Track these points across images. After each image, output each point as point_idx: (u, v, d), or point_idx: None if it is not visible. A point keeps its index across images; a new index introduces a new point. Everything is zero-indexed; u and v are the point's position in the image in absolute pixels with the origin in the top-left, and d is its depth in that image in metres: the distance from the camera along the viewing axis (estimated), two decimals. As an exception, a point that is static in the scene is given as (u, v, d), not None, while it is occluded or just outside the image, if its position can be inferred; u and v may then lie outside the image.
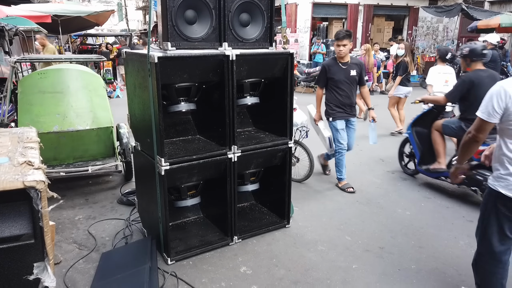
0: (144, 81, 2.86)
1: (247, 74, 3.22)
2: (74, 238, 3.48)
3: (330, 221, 3.83)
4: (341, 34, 4.34)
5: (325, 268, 3.05)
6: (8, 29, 4.64)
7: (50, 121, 4.17)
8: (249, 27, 3.15)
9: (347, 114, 4.55)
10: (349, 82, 4.47)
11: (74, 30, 14.02)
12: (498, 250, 2.35)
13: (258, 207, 3.92)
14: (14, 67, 4.60)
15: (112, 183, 4.85)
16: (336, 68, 4.44)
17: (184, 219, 3.65)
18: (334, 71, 4.44)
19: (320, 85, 4.65)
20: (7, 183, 1.45)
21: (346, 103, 4.50)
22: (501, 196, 2.26)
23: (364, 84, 4.69)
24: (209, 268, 3.03)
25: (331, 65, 4.49)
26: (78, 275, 2.93)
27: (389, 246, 3.38)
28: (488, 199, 2.38)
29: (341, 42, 4.34)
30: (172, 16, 2.77)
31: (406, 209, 4.10)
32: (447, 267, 3.08)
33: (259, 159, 3.45)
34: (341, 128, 4.54)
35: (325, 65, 4.56)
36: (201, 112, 3.38)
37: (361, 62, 4.69)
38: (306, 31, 16.01)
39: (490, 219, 2.36)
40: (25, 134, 2.13)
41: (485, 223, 2.40)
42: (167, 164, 2.86)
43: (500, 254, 2.36)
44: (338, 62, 4.46)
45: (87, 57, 6.20)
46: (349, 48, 4.42)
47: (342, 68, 4.44)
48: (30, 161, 1.64)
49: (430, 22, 17.76)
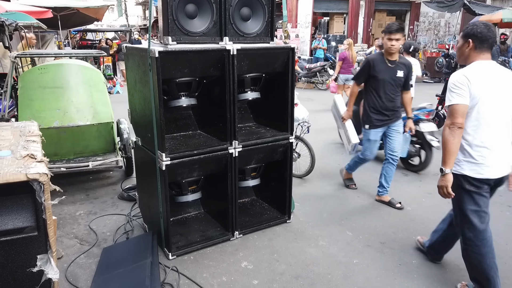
0: (145, 75, 2.85)
1: (248, 68, 3.21)
2: (75, 233, 3.48)
3: (331, 216, 3.83)
4: (394, 27, 3.74)
5: (326, 263, 3.06)
6: (8, 24, 4.62)
7: (51, 116, 4.17)
8: (250, 22, 3.13)
9: (388, 121, 3.94)
10: (394, 84, 3.86)
11: (73, 26, 13.99)
12: (482, 229, 2.54)
13: (259, 203, 3.92)
14: (14, 62, 4.58)
15: (112, 178, 4.85)
16: (382, 66, 3.83)
17: (185, 214, 3.65)
18: (380, 69, 3.82)
19: (359, 82, 4.06)
20: (10, 176, 1.45)
21: (388, 107, 3.89)
22: (467, 178, 2.49)
23: (409, 89, 4.04)
24: (210, 263, 3.03)
25: (377, 62, 3.85)
26: (79, 270, 2.94)
27: (390, 241, 3.38)
28: (458, 186, 2.54)
29: (394, 35, 3.72)
30: (172, 10, 2.75)
31: (407, 205, 4.10)
32: (448, 262, 3.08)
33: (260, 154, 3.44)
34: (374, 139, 3.98)
35: (370, 60, 3.93)
36: (202, 107, 3.37)
37: (409, 63, 4.03)
38: (307, 26, 15.95)
39: (466, 202, 2.55)
40: (27, 128, 2.13)
41: (464, 208, 2.56)
42: (168, 159, 2.86)
43: (484, 232, 2.55)
44: (386, 59, 3.85)
45: (87, 52, 6.18)
46: (401, 43, 3.85)
47: (389, 67, 3.84)
48: (33, 154, 1.64)
49: (432, 17, 17.69)
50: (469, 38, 2.50)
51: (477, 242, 2.57)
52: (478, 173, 2.47)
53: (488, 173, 2.47)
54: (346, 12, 16.60)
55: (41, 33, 10.50)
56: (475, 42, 2.48)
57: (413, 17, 17.62)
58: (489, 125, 2.45)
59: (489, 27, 2.50)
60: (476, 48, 2.49)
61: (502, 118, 2.47)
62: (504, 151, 2.50)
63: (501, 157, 2.49)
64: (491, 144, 2.46)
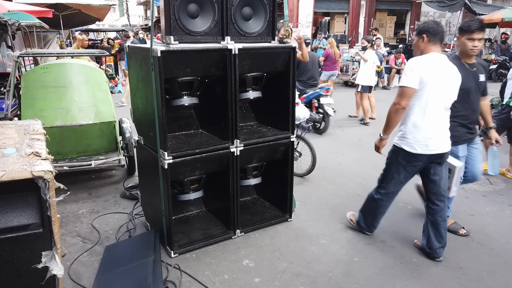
0: (147, 75, 2.87)
1: (250, 68, 3.22)
2: (78, 232, 3.51)
3: (332, 215, 3.85)
4: (475, 25, 3.08)
5: (327, 261, 3.08)
6: (11, 23, 4.65)
7: (53, 116, 4.19)
8: (252, 21, 3.15)
9: (471, 134, 3.32)
10: (478, 91, 3.26)
11: (75, 25, 14.00)
12: (393, 191, 3.17)
13: (261, 201, 3.94)
14: (17, 61, 4.61)
15: (115, 177, 4.87)
16: (463, 71, 3.05)
17: (187, 213, 3.67)
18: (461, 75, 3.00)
19: None
20: (16, 173, 1.47)
21: (473, 119, 3.29)
22: (403, 152, 2.95)
23: (487, 95, 3.44)
24: (212, 261, 3.05)
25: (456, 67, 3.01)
26: (82, 267, 2.96)
27: (390, 239, 3.40)
28: (392, 155, 3.09)
29: (476, 35, 3.07)
30: (174, 10, 2.77)
31: (408, 204, 4.12)
32: (449, 260, 3.10)
33: (262, 153, 3.46)
34: (463, 155, 3.30)
35: None
36: (203, 106, 3.40)
37: (486, 63, 3.51)
38: (308, 26, 15.96)
39: (393, 171, 3.08)
40: (31, 126, 2.16)
41: (389, 173, 3.13)
42: (170, 158, 2.88)
43: (394, 193, 3.20)
44: (464, 63, 3.19)
45: (90, 51, 6.21)
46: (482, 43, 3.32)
47: (470, 72, 3.18)
48: (38, 152, 1.66)
49: (433, 17, 17.68)
50: (423, 33, 2.91)
51: (385, 198, 3.23)
52: (413, 149, 2.90)
53: (422, 150, 2.87)
54: (347, 12, 16.61)
55: (43, 33, 10.53)
56: (428, 36, 2.89)
57: (414, 17, 17.62)
58: (432, 108, 2.83)
59: (438, 23, 2.95)
60: (430, 41, 2.89)
61: (443, 104, 2.87)
62: (442, 133, 2.91)
63: (438, 137, 2.88)
64: (432, 125, 2.85)
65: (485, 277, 2.89)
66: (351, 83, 13.11)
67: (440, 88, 2.81)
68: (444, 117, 2.91)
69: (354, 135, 6.92)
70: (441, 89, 2.82)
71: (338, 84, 13.53)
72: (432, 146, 2.87)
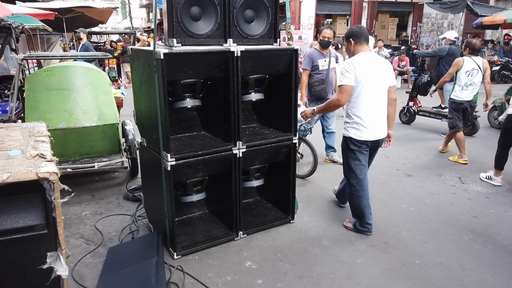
0: (150, 77, 2.89)
1: (252, 70, 3.24)
2: (81, 233, 3.52)
3: (334, 216, 3.85)
4: None
5: (330, 263, 3.08)
6: (15, 26, 4.68)
7: (57, 118, 4.21)
8: (254, 24, 3.16)
9: None
10: None
11: (78, 28, 14.07)
12: (361, 178, 3.45)
13: (263, 203, 3.95)
14: (21, 64, 4.64)
15: (118, 179, 4.89)
16: None
17: (190, 215, 3.69)
18: None
19: None
20: (21, 175, 1.48)
21: None
22: (351, 139, 3.38)
23: None
24: (214, 263, 3.06)
25: None
26: (85, 269, 2.97)
27: (393, 241, 3.40)
28: (345, 146, 3.48)
29: None
30: (177, 13, 2.79)
31: (411, 205, 4.11)
32: (451, 262, 3.09)
33: (264, 155, 3.47)
34: None
35: None
36: (206, 108, 3.41)
37: None
38: (310, 28, 15.98)
39: (350, 158, 3.45)
40: (36, 128, 2.18)
41: (349, 162, 3.47)
42: (173, 160, 2.89)
43: (363, 180, 3.46)
44: None
45: (93, 54, 6.24)
46: None
47: None
48: (43, 153, 1.68)
49: (435, 19, 17.67)
50: (350, 38, 3.38)
51: (358, 187, 3.46)
52: (359, 136, 3.33)
53: (366, 136, 3.33)
54: (349, 14, 16.62)
55: (46, 36, 10.58)
56: (354, 40, 3.35)
57: (416, 18, 17.61)
58: (368, 100, 3.28)
59: (361, 27, 3.41)
60: (356, 43, 3.36)
61: (378, 96, 3.31)
62: (379, 121, 3.36)
63: (377, 125, 3.35)
64: (369, 115, 3.30)
65: (489, 279, 2.88)
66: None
67: (372, 82, 3.27)
68: (380, 106, 3.36)
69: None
70: (374, 82, 3.28)
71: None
72: (372, 133, 3.34)
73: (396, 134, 6.98)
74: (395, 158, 5.63)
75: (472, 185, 4.69)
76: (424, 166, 5.36)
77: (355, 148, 3.38)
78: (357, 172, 3.43)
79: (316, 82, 5.05)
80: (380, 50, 12.38)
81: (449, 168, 5.29)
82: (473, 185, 4.69)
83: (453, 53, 7.38)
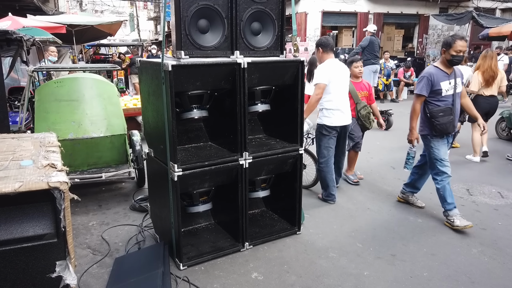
0: (158, 88, 2.93)
1: (258, 81, 3.27)
2: (88, 244, 3.53)
3: (341, 228, 3.83)
4: None
5: (336, 275, 3.05)
6: (26, 39, 4.79)
7: (66, 129, 4.27)
8: (260, 36, 3.21)
9: None
10: None
11: (87, 40, 14.32)
12: (328, 158, 4.32)
13: (269, 214, 3.94)
14: (31, 76, 4.72)
15: (124, 189, 4.92)
16: None
17: (196, 225, 3.69)
18: None
19: None
20: (33, 184, 1.51)
21: None
22: (324, 126, 4.28)
23: None
24: (220, 274, 3.05)
25: None
26: (92, 279, 2.98)
27: (401, 253, 3.37)
28: (319, 132, 4.35)
29: None
30: (185, 26, 2.84)
31: (418, 217, 4.08)
32: (460, 274, 3.05)
33: (270, 165, 3.48)
34: None
35: None
36: (212, 119, 3.44)
37: None
38: (316, 40, 16.08)
39: (323, 141, 4.31)
40: (46, 138, 2.22)
41: (321, 145, 4.34)
42: (180, 170, 2.91)
43: (329, 159, 4.34)
44: None
45: (102, 66, 6.33)
46: None
47: None
48: (53, 163, 1.71)
49: (441, 30, 17.72)
50: (319, 47, 4.29)
51: (324, 165, 4.33)
52: (330, 122, 4.23)
53: (336, 123, 4.23)
54: (355, 26, 16.72)
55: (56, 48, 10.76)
56: (322, 48, 4.26)
57: (422, 30, 17.66)
58: (336, 95, 4.20)
59: (327, 38, 4.34)
60: (324, 52, 4.25)
61: (342, 92, 4.28)
62: (345, 111, 4.28)
63: (343, 114, 4.26)
64: (337, 106, 4.21)
65: (498, 292, 2.84)
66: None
67: (339, 83, 4.21)
68: (344, 99, 4.31)
69: (363, 149, 6.89)
70: (340, 83, 4.22)
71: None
72: (341, 120, 4.25)
73: (401, 146, 6.98)
74: (401, 170, 5.59)
75: (480, 197, 4.65)
76: (431, 178, 5.31)
77: (326, 133, 4.27)
78: (325, 153, 4.30)
79: (440, 112, 3.77)
80: (386, 61, 12.40)
81: (456, 179, 5.25)
82: (481, 197, 4.65)
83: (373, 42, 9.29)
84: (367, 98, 5.00)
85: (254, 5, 3.09)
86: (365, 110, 4.83)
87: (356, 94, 4.84)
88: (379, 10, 16.54)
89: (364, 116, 4.81)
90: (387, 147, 6.87)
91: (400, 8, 16.90)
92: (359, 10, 16.34)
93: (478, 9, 15.79)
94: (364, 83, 5.04)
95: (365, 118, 4.82)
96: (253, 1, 3.08)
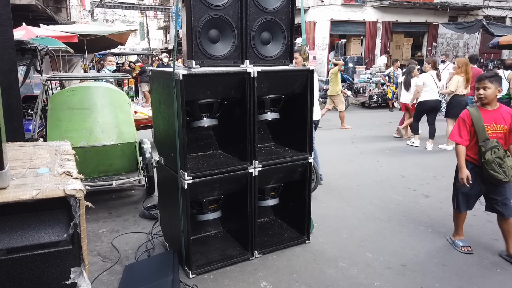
0: (169, 97, 2.97)
1: (268, 90, 3.29)
2: (98, 251, 3.56)
3: (350, 237, 3.81)
4: None
5: (346, 285, 3.03)
6: (40, 49, 4.90)
7: (78, 137, 4.33)
8: (270, 45, 3.24)
9: None
10: None
11: (99, 49, 14.52)
12: None
13: (278, 222, 3.94)
14: (45, 85, 4.81)
15: (134, 197, 4.95)
16: None
17: (205, 233, 3.70)
18: None
19: None
20: (50, 192, 1.54)
21: None
22: None
23: None
24: (229, 282, 3.05)
25: None
26: (102, 286, 3.00)
27: (411, 263, 3.33)
28: None
29: None
30: (196, 36, 2.88)
31: (428, 227, 4.04)
32: (472, 286, 3.01)
33: (279, 174, 3.49)
34: None
35: None
36: (222, 128, 3.46)
37: None
38: (324, 48, 16.15)
39: None
40: (61, 147, 2.26)
41: None
42: (190, 178, 2.93)
43: None
44: None
45: (113, 75, 6.43)
46: None
47: None
48: (69, 171, 1.74)
49: (450, 39, 17.66)
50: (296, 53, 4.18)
51: None
52: None
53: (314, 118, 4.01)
54: (364, 34, 16.76)
55: (68, 57, 10.96)
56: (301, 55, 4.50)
57: (431, 39, 17.63)
58: None
59: None
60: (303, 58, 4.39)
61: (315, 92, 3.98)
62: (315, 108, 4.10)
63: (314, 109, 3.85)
64: None
65: (511, 304, 2.80)
66: (368, 104, 13.14)
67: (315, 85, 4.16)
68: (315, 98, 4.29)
69: (372, 157, 6.88)
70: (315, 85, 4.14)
71: (355, 105, 13.55)
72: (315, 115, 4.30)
73: (411, 155, 6.96)
74: (411, 179, 5.56)
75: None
76: (442, 187, 5.27)
77: None
78: None
79: None
80: (396, 70, 12.38)
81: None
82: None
83: None
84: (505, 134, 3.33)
85: (264, 15, 3.13)
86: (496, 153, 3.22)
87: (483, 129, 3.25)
88: (388, 19, 16.57)
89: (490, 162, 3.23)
90: (397, 156, 6.84)
91: (409, 17, 16.91)
92: (368, 18, 16.38)
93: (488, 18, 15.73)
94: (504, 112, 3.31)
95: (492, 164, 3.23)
96: (263, 11, 3.12)
